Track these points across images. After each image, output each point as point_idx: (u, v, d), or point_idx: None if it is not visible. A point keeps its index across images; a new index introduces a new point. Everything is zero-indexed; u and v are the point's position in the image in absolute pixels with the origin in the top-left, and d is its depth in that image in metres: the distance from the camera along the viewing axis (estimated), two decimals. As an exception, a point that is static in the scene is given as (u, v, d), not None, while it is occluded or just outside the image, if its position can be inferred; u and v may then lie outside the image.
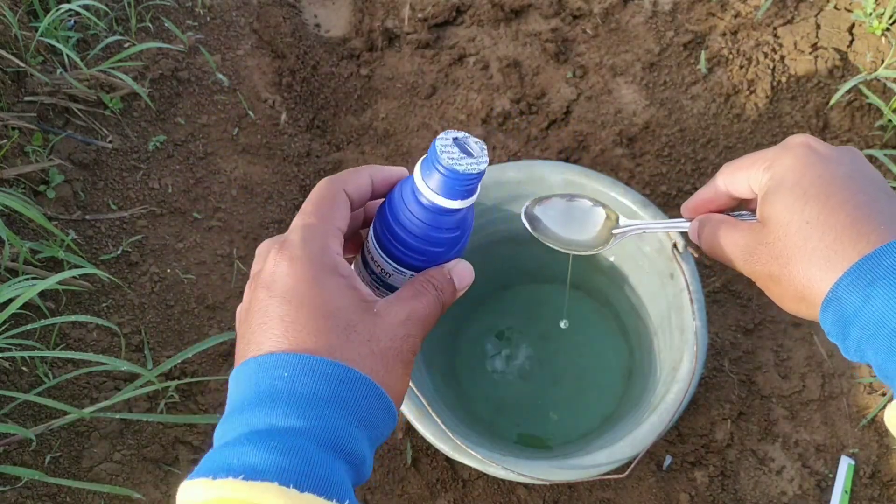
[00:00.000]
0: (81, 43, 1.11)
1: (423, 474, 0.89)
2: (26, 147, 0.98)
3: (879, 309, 0.29)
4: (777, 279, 0.34)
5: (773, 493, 0.86)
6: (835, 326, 0.31)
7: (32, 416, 0.85)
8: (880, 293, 0.28)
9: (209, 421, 0.88)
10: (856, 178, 0.32)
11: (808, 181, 0.33)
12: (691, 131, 1.09)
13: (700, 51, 1.15)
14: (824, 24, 1.14)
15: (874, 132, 1.04)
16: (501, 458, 0.67)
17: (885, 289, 0.28)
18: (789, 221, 0.32)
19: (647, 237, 0.78)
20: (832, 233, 0.31)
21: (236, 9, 1.21)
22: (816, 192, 0.32)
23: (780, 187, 0.34)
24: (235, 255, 1.01)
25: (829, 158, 0.33)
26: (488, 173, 0.82)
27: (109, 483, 0.83)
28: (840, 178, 0.32)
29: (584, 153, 1.10)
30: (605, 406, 0.94)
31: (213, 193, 1.05)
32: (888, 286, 0.28)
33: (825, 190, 0.32)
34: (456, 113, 1.15)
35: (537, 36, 1.21)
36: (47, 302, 0.90)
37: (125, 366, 0.80)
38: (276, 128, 1.12)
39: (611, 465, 0.67)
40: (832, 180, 0.32)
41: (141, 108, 1.07)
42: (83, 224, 0.98)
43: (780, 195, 0.33)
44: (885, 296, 0.28)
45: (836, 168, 0.33)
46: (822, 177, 0.32)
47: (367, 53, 1.23)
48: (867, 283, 0.29)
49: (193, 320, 0.95)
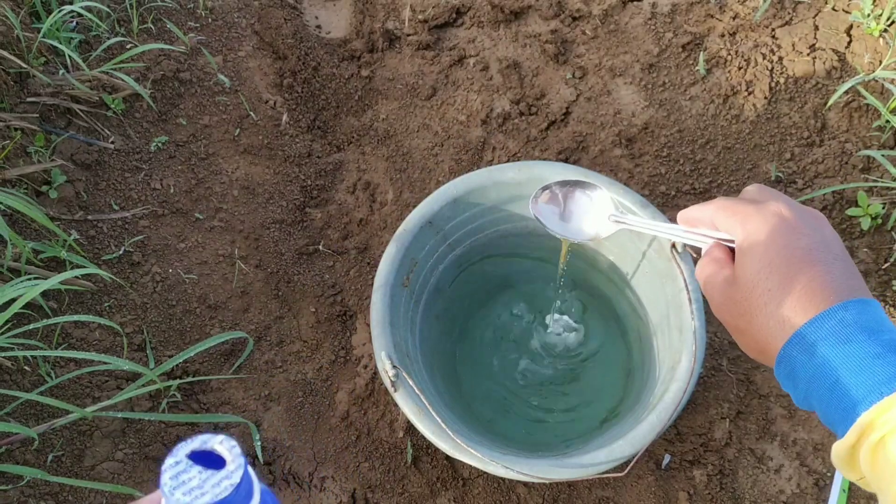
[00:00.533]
0: (83, 44, 1.11)
1: (424, 473, 0.89)
2: (29, 148, 0.98)
3: (819, 366, 0.34)
4: (742, 331, 0.39)
5: (772, 492, 0.87)
6: (786, 379, 0.37)
7: (35, 415, 0.85)
8: (820, 353, 0.34)
9: (211, 420, 0.89)
10: (815, 249, 0.37)
11: (774, 251, 0.38)
12: (690, 132, 1.10)
13: (699, 52, 1.15)
14: (822, 25, 1.14)
15: (872, 133, 1.05)
16: (501, 456, 0.67)
17: (825, 349, 0.34)
18: (755, 286, 0.38)
19: (646, 236, 0.79)
20: (789, 300, 0.36)
21: (238, 10, 1.21)
22: (780, 262, 0.37)
23: (751, 251, 0.39)
24: (237, 255, 1.01)
25: (794, 228, 0.38)
26: (488, 174, 0.82)
27: (111, 482, 0.83)
28: (801, 250, 0.37)
29: (584, 154, 1.10)
30: (605, 405, 0.94)
31: (215, 194, 1.05)
32: (827, 346, 0.34)
33: (787, 261, 0.37)
34: (456, 114, 1.15)
35: (537, 37, 1.21)
36: (50, 301, 0.90)
37: (127, 365, 0.80)
38: (278, 128, 1.12)
39: (610, 464, 0.67)
40: (794, 251, 0.37)
41: (143, 108, 1.08)
42: (85, 224, 0.98)
43: (750, 260, 0.39)
44: (824, 355, 0.34)
45: (798, 239, 0.38)
46: (786, 247, 0.37)
47: (368, 55, 1.23)
48: (810, 344, 0.35)
49: (195, 320, 0.96)
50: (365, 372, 0.95)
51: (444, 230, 0.85)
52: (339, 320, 1.00)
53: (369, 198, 1.10)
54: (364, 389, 0.93)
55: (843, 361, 0.34)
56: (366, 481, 0.89)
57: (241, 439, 0.90)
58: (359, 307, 1.00)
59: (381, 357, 0.71)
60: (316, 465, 0.90)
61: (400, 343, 0.76)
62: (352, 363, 0.97)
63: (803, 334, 0.35)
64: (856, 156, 1.03)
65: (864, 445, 0.32)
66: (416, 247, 0.81)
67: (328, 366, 0.96)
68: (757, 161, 1.06)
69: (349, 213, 1.08)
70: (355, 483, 0.89)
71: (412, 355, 0.82)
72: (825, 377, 0.34)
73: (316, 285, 1.02)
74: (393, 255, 0.78)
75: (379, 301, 0.75)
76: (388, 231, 1.05)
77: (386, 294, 0.76)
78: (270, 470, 0.89)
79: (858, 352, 0.33)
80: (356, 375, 0.95)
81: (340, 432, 0.92)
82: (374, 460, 0.90)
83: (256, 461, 0.89)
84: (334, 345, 0.98)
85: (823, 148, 1.05)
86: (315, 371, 0.96)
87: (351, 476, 0.89)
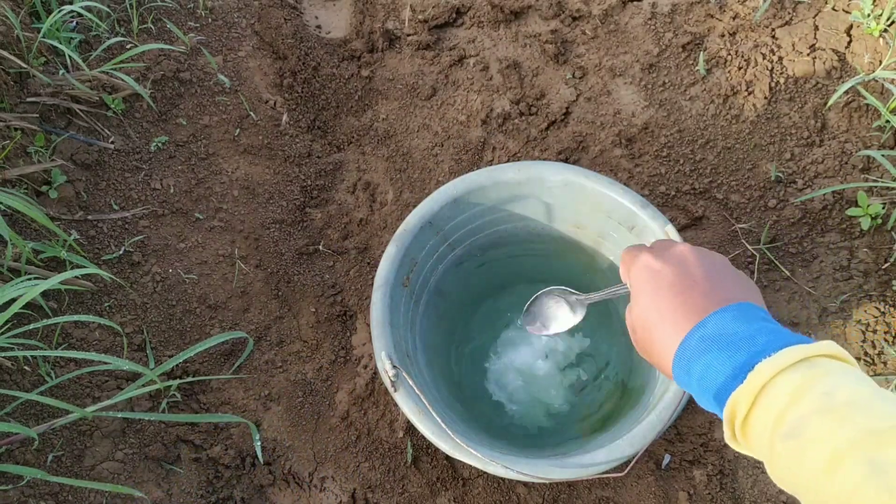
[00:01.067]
0: (83, 44, 1.11)
1: (424, 473, 0.89)
2: (29, 148, 0.98)
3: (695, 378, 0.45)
4: (644, 354, 0.52)
5: (772, 492, 0.87)
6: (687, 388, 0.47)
7: (35, 415, 0.85)
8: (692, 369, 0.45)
9: (211, 420, 0.89)
10: (675, 286, 0.49)
11: (647, 296, 0.50)
12: (690, 132, 1.10)
13: (699, 52, 1.15)
14: (822, 25, 1.14)
15: (872, 133, 1.05)
16: (501, 456, 0.67)
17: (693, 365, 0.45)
18: (637, 327, 0.51)
19: (646, 236, 0.79)
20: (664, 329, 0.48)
21: (237, 10, 1.21)
22: (656, 301, 0.49)
23: (634, 300, 0.51)
24: (237, 255, 1.01)
25: (658, 274, 0.50)
26: (488, 174, 0.82)
27: (111, 482, 0.83)
28: (664, 289, 0.49)
29: (584, 154, 1.10)
30: (605, 405, 0.94)
31: (215, 194, 1.05)
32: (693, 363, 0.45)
33: (660, 300, 0.49)
34: (456, 114, 1.15)
35: (537, 37, 1.21)
36: (50, 301, 0.90)
37: (127, 365, 0.80)
38: (278, 128, 1.12)
39: (610, 464, 0.67)
40: (661, 290, 0.49)
41: (143, 108, 1.08)
42: (85, 224, 0.98)
43: (634, 306, 0.51)
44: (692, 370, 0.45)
45: (661, 280, 0.49)
46: (659, 290, 0.49)
47: (368, 55, 1.23)
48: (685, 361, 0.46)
49: (195, 320, 0.96)
50: (365, 372, 0.95)
51: (444, 230, 0.85)
52: (339, 320, 1.00)
53: (369, 198, 1.10)
54: (364, 389, 0.93)
55: (703, 371, 0.44)
56: (366, 481, 0.89)
57: (241, 439, 0.90)
58: (359, 307, 1.00)
59: (381, 357, 0.71)
60: (316, 465, 0.90)
61: (400, 343, 0.76)
62: (352, 363, 0.97)
63: (678, 356, 0.46)
64: (856, 156, 1.03)
65: (737, 428, 0.42)
66: (416, 247, 0.81)
67: (328, 366, 0.96)
68: (757, 161, 1.06)
69: (349, 213, 1.08)
70: (355, 483, 0.89)
71: (412, 355, 0.82)
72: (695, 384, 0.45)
73: (316, 285, 1.02)
74: (393, 255, 0.78)
75: (379, 301, 0.75)
76: (388, 231, 1.05)
77: (386, 294, 0.76)
78: (270, 470, 0.89)
79: (715, 360, 0.44)
80: (356, 375, 0.95)
81: (340, 432, 0.92)
82: (374, 460, 0.90)
83: (256, 461, 0.89)
84: (334, 345, 0.98)
85: (823, 148, 1.05)
86: (315, 371, 0.96)
87: (351, 476, 0.89)
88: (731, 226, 1.02)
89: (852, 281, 0.95)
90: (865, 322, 0.93)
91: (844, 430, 0.36)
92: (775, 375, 0.40)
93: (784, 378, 0.40)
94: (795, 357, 0.40)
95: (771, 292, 0.98)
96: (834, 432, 0.36)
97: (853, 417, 0.37)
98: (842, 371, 0.40)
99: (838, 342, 0.93)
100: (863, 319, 0.93)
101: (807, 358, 0.40)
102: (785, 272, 0.98)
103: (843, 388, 0.38)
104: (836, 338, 0.93)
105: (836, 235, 0.99)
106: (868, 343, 0.92)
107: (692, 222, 1.04)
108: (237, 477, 0.88)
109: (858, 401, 0.37)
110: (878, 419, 0.36)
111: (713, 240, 1.02)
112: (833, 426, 0.37)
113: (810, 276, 0.98)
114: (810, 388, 0.39)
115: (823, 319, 0.95)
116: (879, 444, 0.35)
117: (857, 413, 0.37)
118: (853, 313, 0.94)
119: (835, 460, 0.36)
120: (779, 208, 1.02)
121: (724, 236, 1.02)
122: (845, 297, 0.94)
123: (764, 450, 0.40)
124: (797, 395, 0.39)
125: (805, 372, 0.39)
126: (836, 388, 0.38)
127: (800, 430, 0.38)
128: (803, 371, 0.40)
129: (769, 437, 0.40)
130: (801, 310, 0.96)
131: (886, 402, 0.37)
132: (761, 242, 1.00)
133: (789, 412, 0.39)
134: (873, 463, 0.34)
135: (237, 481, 0.88)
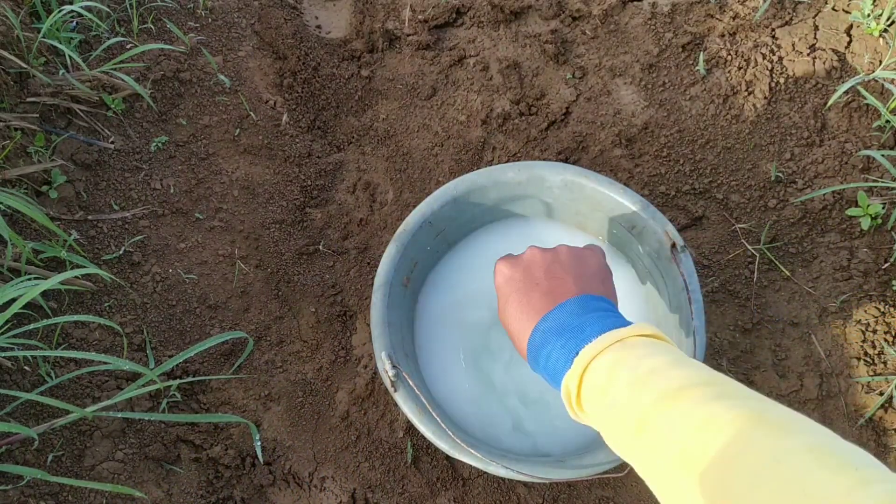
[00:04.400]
0: (83, 44, 1.11)
1: (424, 473, 0.89)
2: (29, 148, 0.98)
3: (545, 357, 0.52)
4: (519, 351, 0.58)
5: (772, 492, 0.87)
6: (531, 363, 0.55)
7: (35, 415, 0.85)
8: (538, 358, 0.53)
9: (211, 420, 0.89)
10: (521, 289, 0.57)
11: (503, 299, 0.59)
12: (690, 132, 1.10)
13: (699, 52, 1.15)
14: (822, 25, 1.14)
15: (872, 133, 1.05)
16: (501, 456, 0.67)
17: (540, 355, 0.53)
18: (506, 329, 0.58)
19: (646, 236, 0.79)
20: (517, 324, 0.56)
21: (238, 10, 1.21)
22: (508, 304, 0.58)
23: (499, 306, 0.60)
24: (237, 255, 1.01)
25: (510, 280, 0.59)
26: (488, 174, 0.82)
27: (111, 482, 0.83)
28: (515, 293, 0.57)
29: (584, 154, 1.10)
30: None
31: (215, 194, 1.05)
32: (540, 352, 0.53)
33: (511, 302, 0.57)
34: (456, 114, 1.15)
35: (537, 37, 1.21)
36: (50, 302, 0.90)
37: (127, 365, 0.80)
38: (278, 129, 1.12)
39: (610, 464, 0.67)
40: (512, 294, 0.58)
41: (143, 108, 1.08)
42: (85, 224, 0.98)
43: (499, 311, 0.59)
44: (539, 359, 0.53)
45: (512, 285, 0.58)
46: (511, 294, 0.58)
47: (368, 55, 1.23)
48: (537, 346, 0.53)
49: (195, 320, 0.96)
50: (365, 372, 0.95)
51: (444, 230, 0.85)
52: (339, 320, 1.00)
53: (369, 198, 1.10)
54: (364, 389, 0.93)
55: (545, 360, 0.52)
56: (366, 481, 0.89)
57: (241, 439, 0.90)
58: (359, 307, 1.00)
59: (381, 357, 0.71)
60: (316, 465, 0.90)
61: (400, 343, 0.76)
62: (352, 363, 0.97)
63: (529, 350, 0.54)
64: (856, 156, 1.03)
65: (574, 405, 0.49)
66: (415, 247, 0.81)
67: (328, 366, 0.96)
68: (757, 161, 1.06)
69: (349, 213, 1.08)
70: (355, 483, 0.89)
71: (412, 355, 0.82)
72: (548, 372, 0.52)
73: (316, 285, 1.02)
74: (393, 254, 0.78)
75: (379, 301, 0.75)
76: (388, 231, 1.05)
77: (386, 294, 0.76)
78: (270, 470, 0.89)
79: (553, 349, 0.51)
80: (356, 375, 0.95)
81: (340, 432, 0.92)
82: (374, 460, 0.90)
83: (256, 461, 0.89)
84: (334, 345, 0.98)
85: (823, 148, 1.05)
86: (315, 371, 0.96)
87: (351, 476, 0.89)
88: (731, 226, 1.02)
89: (852, 281, 0.95)
90: (865, 322, 0.93)
91: (646, 395, 0.42)
92: (594, 357, 0.47)
93: (601, 359, 0.47)
94: (611, 340, 0.47)
95: (771, 292, 0.98)
96: (639, 398, 0.42)
97: (653, 383, 0.42)
98: (650, 346, 0.46)
99: (838, 342, 0.93)
100: (863, 319, 0.93)
101: (621, 339, 0.47)
102: (785, 272, 0.98)
103: (646, 360, 0.44)
104: (836, 338, 0.93)
105: (836, 235, 0.99)
106: (868, 343, 0.92)
107: (692, 222, 1.04)
108: (237, 477, 0.88)
109: (658, 368, 0.43)
110: (672, 381, 0.42)
111: (713, 240, 1.02)
112: (638, 393, 0.43)
113: (810, 276, 0.98)
114: (622, 365, 0.45)
115: (823, 319, 0.95)
116: (671, 402, 0.40)
117: (656, 379, 0.42)
118: (853, 313, 0.94)
119: (641, 422, 0.42)
120: (779, 208, 1.02)
121: (724, 236, 1.02)
122: (845, 297, 0.94)
123: (598, 421, 0.47)
124: (612, 371, 0.45)
125: (618, 352, 0.46)
126: (641, 360, 0.44)
127: (616, 401, 0.44)
128: (616, 351, 0.46)
129: (599, 410, 0.46)
130: (801, 310, 0.96)
131: (680, 367, 0.43)
132: (761, 242, 1.00)
133: (610, 387, 0.45)
134: (669, 420, 0.40)
135: (237, 481, 0.88)
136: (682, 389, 0.40)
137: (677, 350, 0.47)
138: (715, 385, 0.40)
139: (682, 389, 0.41)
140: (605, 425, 0.46)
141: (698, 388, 0.40)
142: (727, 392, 0.39)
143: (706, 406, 0.38)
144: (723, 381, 0.41)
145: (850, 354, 0.92)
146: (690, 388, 0.40)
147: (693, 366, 0.44)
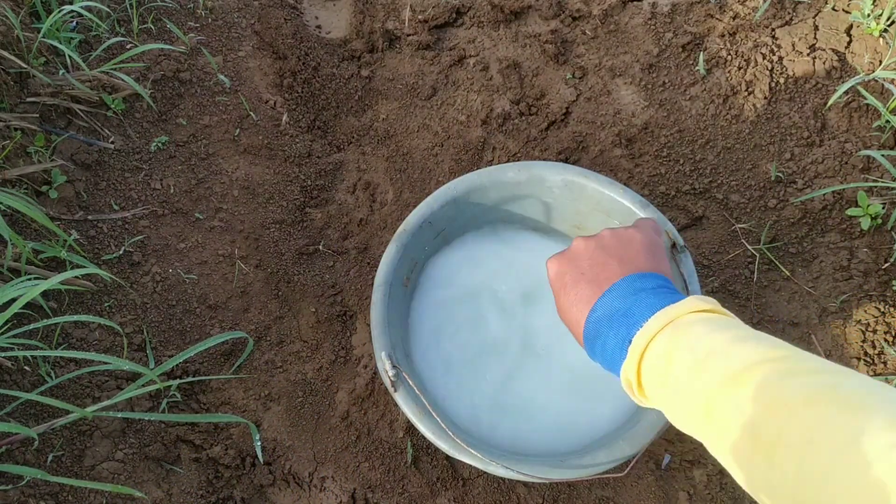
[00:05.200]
0: (83, 44, 1.11)
1: (424, 473, 0.89)
2: (29, 148, 0.98)
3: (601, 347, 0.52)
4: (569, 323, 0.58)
5: (772, 492, 0.87)
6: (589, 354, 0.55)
7: (35, 415, 0.85)
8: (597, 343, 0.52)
9: (211, 420, 0.89)
10: (569, 283, 0.57)
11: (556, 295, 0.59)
12: (690, 132, 1.10)
13: (699, 52, 1.15)
14: (822, 25, 1.14)
15: (872, 133, 1.05)
16: (501, 456, 0.67)
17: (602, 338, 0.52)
18: (560, 317, 0.59)
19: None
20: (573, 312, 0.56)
21: (238, 10, 1.21)
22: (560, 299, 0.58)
23: (554, 296, 0.60)
24: (237, 255, 1.01)
25: (560, 275, 0.58)
26: (488, 174, 0.82)
27: (111, 482, 0.83)
28: (566, 288, 0.57)
29: (584, 154, 1.10)
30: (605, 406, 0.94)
31: (215, 194, 1.05)
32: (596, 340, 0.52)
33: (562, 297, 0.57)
34: (456, 114, 1.15)
35: (537, 37, 1.21)
36: (50, 302, 0.90)
37: (127, 365, 0.80)
38: (278, 129, 1.12)
39: (610, 464, 0.67)
40: (562, 288, 0.57)
41: (143, 108, 1.08)
42: (85, 224, 0.98)
43: (555, 300, 0.59)
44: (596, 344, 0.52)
45: (563, 280, 0.58)
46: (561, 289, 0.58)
47: (368, 55, 1.23)
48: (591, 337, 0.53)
49: (195, 320, 0.96)
50: (365, 372, 0.95)
51: (444, 230, 0.85)
52: (339, 320, 1.00)
53: (369, 198, 1.10)
54: (364, 389, 0.93)
55: (601, 351, 0.51)
56: (366, 481, 0.89)
57: (241, 439, 0.90)
58: (359, 307, 1.00)
59: (381, 357, 0.71)
60: (316, 465, 0.90)
61: (400, 343, 0.76)
62: (352, 363, 0.97)
63: (585, 343, 0.54)
64: (856, 156, 1.03)
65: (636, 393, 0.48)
66: (416, 247, 0.81)
67: (328, 366, 0.96)
68: (757, 161, 1.06)
69: (349, 213, 1.08)
70: (355, 483, 0.89)
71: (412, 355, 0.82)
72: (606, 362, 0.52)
73: (316, 285, 1.02)
74: (393, 254, 0.78)
75: (379, 301, 0.75)
76: (388, 231, 1.05)
77: (386, 294, 0.76)
78: (270, 470, 0.89)
79: (607, 338, 0.50)
80: (356, 375, 0.95)
81: (340, 432, 0.92)
82: (374, 460, 0.90)
83: (256, 461, 0.89)
84: (334, 345, 0.98)
85: (823, 148, 1.05)
86: (315, 371, 0.96)
87: (351, 476, 0.89)
88: (731, 226, 1.02)
89: (852, 281, 0.95)
90: (865, 322, 0.93)
91: (709, 378, 0.41)
92: (648, 344, 0.46)
93: (656, 345, 0.46)
94: (663, 322, 0.46)
95: (771, 292, 0.98)
96: (703, 382, 0.42)
97: (715, 365, 0.42)
98: (705, 323, 0.45)
99: (838, 342, 0.93)
100: (863, 319, 0.93)
101: (673, 321, 0.46)
102: (785, 272, 0.98)
103: (704, 340, 0.43)
104: (836, 338, 0.93)
105: (836, 235, 0.99)
106: (868, 343, 0.92)
107: (692, 222, 1.04)
108: (237, 477, 0.88)
109: (717, 349, 0.42)
110: (733, 361, 0.41)
111: (713, 240, 1.02)
112: (700, 377, 0.42)
113: (810, 276, 0.98)
114: (679, 348, 0.44)
115: (823, 319, 0.95)
116: (736, 385, 0.40)
117: (717, 360, 0.42)
118: (853, 313, 0.94)
119: (708, 406, 0.41)
120: (779, 208, 1.02)
121: (724, 236, 1.02)
122: (845, 297, 0.94)
123: (664, 406, 0.46)
124: (669, 356, 0.45)
125: (672, 334, 0.45)
126: (700, 340, 0.43)
127: (679, 386, 0.43)
128: (669, 334, 0.46)
129: (662, 396, 0.46)
130: (801, 310, 0.96)
131: (739, 345, 0.42)
132: (761, 242, 1.00)
133: (668, 373, 0.44)
134: (735, 404, 0.39)
135: (237, 481, 0.88)
136: (747, 370, 0.39)
137: (736, 322, 0.45)
138: (780, 361, 0.39)
139: (746, 370, 0.39)
140: (671, 410, 0.45)
141: (763, 365, 0.39)
142: (795, 369, 0.38)
143: (774, 387, 0.37)
144: (787, 355, 0.39)
145: (850, 354, 0.92)
146: (754, 366, 0.39)
147: (755, 339, 0.42)
